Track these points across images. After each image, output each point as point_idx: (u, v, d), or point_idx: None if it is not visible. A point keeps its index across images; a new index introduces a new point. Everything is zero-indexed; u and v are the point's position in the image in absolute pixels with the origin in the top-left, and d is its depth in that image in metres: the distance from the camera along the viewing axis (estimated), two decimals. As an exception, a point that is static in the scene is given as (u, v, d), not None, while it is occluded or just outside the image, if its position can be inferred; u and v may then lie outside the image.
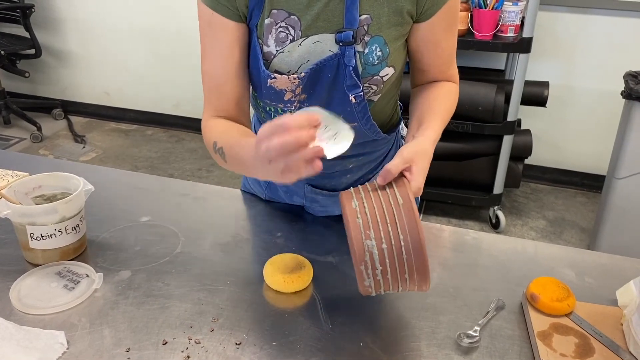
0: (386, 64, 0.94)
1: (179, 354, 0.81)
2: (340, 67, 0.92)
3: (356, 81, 0.93)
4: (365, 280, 0.75)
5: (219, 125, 0.97)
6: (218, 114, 0.99)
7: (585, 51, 2.95)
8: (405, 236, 0.72)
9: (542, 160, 3.26)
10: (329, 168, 1.13)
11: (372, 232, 0.73)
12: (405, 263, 0.73)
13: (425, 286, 0.77)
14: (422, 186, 0.81)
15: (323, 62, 0.92)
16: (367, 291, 0.77)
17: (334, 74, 0.93)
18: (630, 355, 0.81)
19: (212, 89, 0.98)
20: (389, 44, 0.93)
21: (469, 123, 2.59)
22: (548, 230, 2.86)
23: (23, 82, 4.08)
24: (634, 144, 2.25)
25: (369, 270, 0.74)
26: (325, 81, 0.94)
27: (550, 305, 0.88)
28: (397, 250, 0.73)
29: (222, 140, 0.92)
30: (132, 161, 3.51)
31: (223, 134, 0.94)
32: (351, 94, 0.94)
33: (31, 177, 1.04)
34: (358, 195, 0.78)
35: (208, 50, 0.96)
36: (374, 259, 0.73)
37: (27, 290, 0.93)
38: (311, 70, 0.92)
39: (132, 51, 3.78)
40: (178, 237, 1.09)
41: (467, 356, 0.82)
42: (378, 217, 0.74)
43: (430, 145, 0.87)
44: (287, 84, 0.94)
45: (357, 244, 0.74)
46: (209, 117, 1.00)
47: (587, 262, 1.06)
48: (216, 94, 0.98)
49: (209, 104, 1.00)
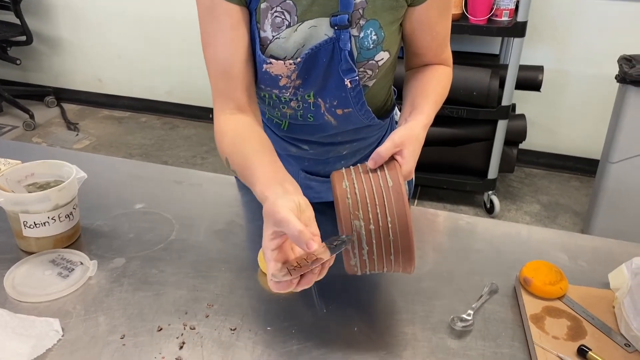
0: (381, 48, 0.94)
1: (174, 340, 0.81)
2: (336, 51, 0.92)
3: (351, 65, 0.92)
4: (352, 259, 0.76)
5: (228, 136, 0.92)
6: (229, 105, 0.95)
7: (580, 35, 2.94)
8: (393, 218, 0.73)
9: (537, 145, 3.26)
10: (322, 154, 1.13)
11: (360, 212, 0.74)
12: (392, 244, 0.74)
13: (410, 268, 0.78)
14: (412, 170, 0.82)
15: (318, 47, 0.91)
16: (352, 270, 0.78)
17: (329, 59, 0.92)
18: (622, 337, 0.82)
19: (219, 75, 0.95)
20: (384, 28, 0.92)
21: (464, 108, 2.59)
22: (542, 215, 2.87)
23: (14, 70, 4.05)
24: (627, 128, 2.26)
25: (356, 250, 0.75)
26: (321, 66, 0.93)
27: (543, 288, 0.88)
28: (384, 231, 0.74)
29: (233, 161, 0.90)
30: (125, 149, 3.50)
31: (234, 155, 0.90)
32: (346, 79, 0.94)
33: (23, 165, 1.04)
34: (349, 176, 0.78)
35: (211, 37, 0.93)
36: (361, 238, 0.74)
37: (21, 278, 0.93)
38: (307, 56, 0.92)
39: (125, 37, 3.75)
40: (172, 224, 1.09)
41: (460, 339, 0.83)
42: (367, 199, 0.75)
43: (422, 130, 0.87)
44: (283, 70, 0.93)
45: (345, 224, 0.74)
46: (220, 113, 0.96)
47: (580, 245, 1.06)
48: (224, 80, 0.94)
49: (218, 94, 0.96)
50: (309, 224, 0.75)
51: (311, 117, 1.03)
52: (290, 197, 0.74)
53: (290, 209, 0.71)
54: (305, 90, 0.98)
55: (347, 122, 1.03)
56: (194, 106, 3.86)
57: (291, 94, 0.98)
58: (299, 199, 0.74)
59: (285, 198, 0.73)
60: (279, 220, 0.70)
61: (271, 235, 0.72)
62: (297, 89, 0.97)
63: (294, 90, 0.97)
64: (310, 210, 0.76)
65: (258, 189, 0.79)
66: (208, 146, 3.53)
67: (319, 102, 1.00)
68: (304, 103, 1.01)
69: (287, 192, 0.76)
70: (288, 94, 0.98)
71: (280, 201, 0.72)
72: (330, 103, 0.99)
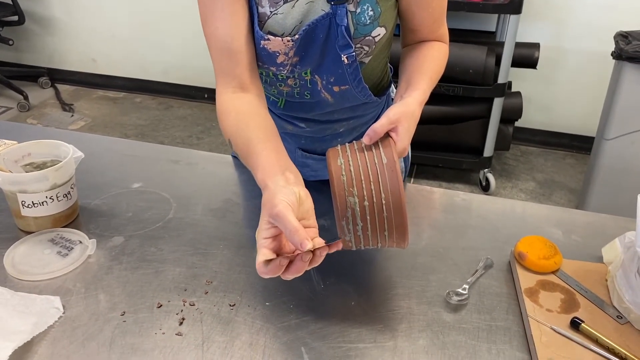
0: (378, 24, 0.94)
1: (174, 316, 0.82)
2: (332, 27, 0.91)
3: (348, 41, 0.92)
4: (346, 235, 0.77)
5: (231, 117, 0.91)
6: (231, 83, 0.94)
7: (576, 12, 2.93)
8: (387, 195, 0.74)
9: (532, 123, 3.27)
10: (319, 132, 1.13)
11: (355, 189, 0.75)
12: (386, 221, 0.75)
13: (404, 243, 0.79)
14: (407, 146, 0.82)
15: (315, 23, 0.91)
16: (347, 245, 0.79)
17: (325, 34, 0.92)
18: (614, 309, 0.83)
19: (220, 51, 0.93)
20: (380, 3, 0.92)
21: (460, 86, 2.58)
22: (537, 192, 2.89)
23: (7, 51, 4.01)
24: (623, 105, 2.26)
25: (350, 226, 0.76)
26: (318, 42, 0.93)
27: (537, 263, 0.90)
28: (378, 208, 0.74)
29: (236, 144, 0.89)
30: (121, 129, 3.48)
31: (236, 137, 0.89)
32: (343, 54, 0.93)
33: (20, 145, 1.04)
34: (344, 153, 0.79)
35: (210, 13, 0.92)
36: (355, 215, 0.75)
37: (20, 257, 0.93)
38: (304, 32, 0.91)
39: (119, 16, 3.71)
40: (170, 203, 1.10)
41: (456, 313, 0.84)
42: (362, 175, 0.75)
43: (417, 107, 0.87)
44: (281, 46, 0.93)
45: (340, 200, 0.75)
46: (222, 92, 0.94)
47: (573, 220, 1.07)
48: (226, 56, 0.93)
49: (220, 72, 0.95)
50: (308, 217, 0.76)
51: (308, 94, 1.03)
52: (291, 189, 0.74)
53: (289, 202, 0.71)
54: (302, 67, 0.98)
55: (344, 99, 1.03)
56: (189, 86, 3.84)
57: (288, 71, 0.98)
58: (299, 190, 0.75)
59: (285, 190, 0.73)
60: (276, 215, 0.70)
61: (266, 225, 0.72)
62: (294, 66, 0.97)
63: (291, 68, 0.97)
64: (310, 202, 0.76)
65: (259, 176, 0.79)
66: (203, 126, 3.52)
67: (316, 79, 0.99)
68: (301, 80, 1.01)
69: (288, 181, 0.76)
70: (285, 71, 0.98)
71: (279, 195, 0.72)
72: (327, 80, 0.99)
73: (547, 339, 0.78)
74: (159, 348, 0.77)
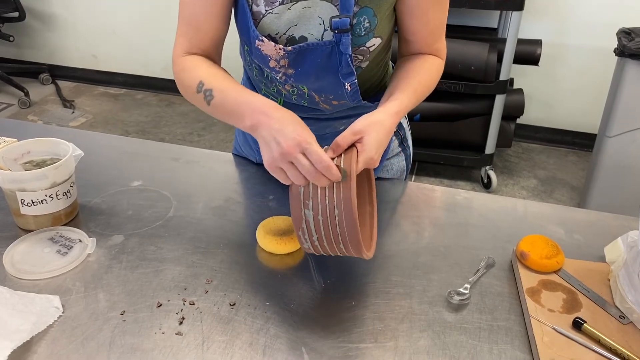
0: (373, 35, 0.93)
1: (174, 316, 0.82)
2: (334, 54, 0.91)
3: (352, 69, 0.92)
4: (304, 243, 0.80)
5: (204, 64, 0.93)
6: (192, 50, 0.95)
7: (578, 8, 2.91)
8: (340, 211, 0.75)
9: (534, 120, 3.26)
10: (320, 130, 1.13)
11: (310, 202, 0.76)
12: (340, 236, 0.76)
13: (363, 256, 0.80)
14: (375, 157, 0.81)
15: (314, 46, 0.90)
16: (308, 250, 0.82)
17: (325, 60, 0.92)
18: (617, 309, 0.83)
19: (190, 24, 0.95)
20: (378, 15, 0.91)
21: (461, 83, 2.57)
22: (539, 190, 2.88)
23: (8, 47, 4.00)
24: (625, 102, 2.25)
25: (306, 236, 0.78)
26: (314, 64, 0.93)
27: (539, 262, 0.89)
28: (331, 223, 0.76)
29: (210, 83, 0.89)
30: (122, 126, 3.48)
31: (211, 77, 0.91)
32: (347, 82, 0.93)
33: (19, 143, 1.03)
34: None
35: None
36: (310, 227, 0.77)
37: (20, 256, 0.93)
38: (299, 48, 0.91)
39: (119, 12, 3.70)
40: (170, 201, 1.09)
41: (457, 313, 0.84)
42: (319, 189, 0.76)
43: (389, 117, 0.86)
44: (272, 52, 0.93)
45: (294, 212, 0.77)
46: (183, 52, 0.96)
47: (576, 219, 1.07)
48: (194, 30, 0.95)
49: (183, 37, 0.96)
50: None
51: (305, 102, 1.03)
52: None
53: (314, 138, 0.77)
54: (297, 82, 0.97)
55: (344, 106, 1.04)
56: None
57: (282, 79, 0.98)
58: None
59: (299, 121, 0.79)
60: (306, 148, 0.75)
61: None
62: (288, 76, 0.97)
63: (284, 77, 0.97)
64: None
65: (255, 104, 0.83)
66: (205, 123, 3.52)
67: (313, 94, 1.00)
68: (299, 91, 1.01)
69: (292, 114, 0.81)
70: (279, 76, 0.97)
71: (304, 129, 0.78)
72: (325, 97, 0.99)
73: (548, 339, 0.77)
74: (159, 348, 0.77)
